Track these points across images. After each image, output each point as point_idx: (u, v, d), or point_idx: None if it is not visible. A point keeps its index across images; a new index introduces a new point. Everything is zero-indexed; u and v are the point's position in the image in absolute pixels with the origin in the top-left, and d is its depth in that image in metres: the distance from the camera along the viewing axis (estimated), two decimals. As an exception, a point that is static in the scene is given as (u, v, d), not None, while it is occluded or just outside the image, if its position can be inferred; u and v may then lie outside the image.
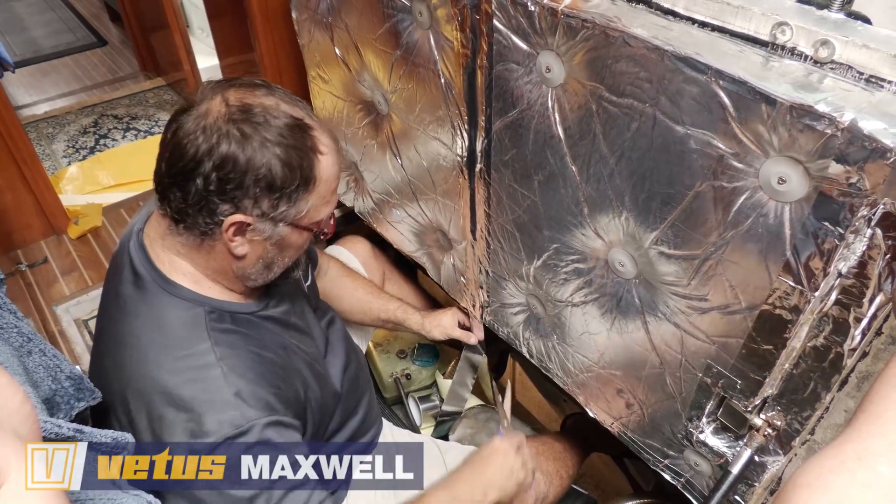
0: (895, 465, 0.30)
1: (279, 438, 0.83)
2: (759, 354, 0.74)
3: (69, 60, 3.48)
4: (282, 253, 0.89)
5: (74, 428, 0.53)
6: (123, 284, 0.88)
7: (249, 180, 0.78)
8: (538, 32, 0.80)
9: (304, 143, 0.81)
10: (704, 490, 0.96)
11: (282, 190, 0.80)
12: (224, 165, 0.78)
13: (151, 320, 0.85)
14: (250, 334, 0.91)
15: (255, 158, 0.78)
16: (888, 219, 0.56)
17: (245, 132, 0.78)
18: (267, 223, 0.83)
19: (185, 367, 0.83)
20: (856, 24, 0.59)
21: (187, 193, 0.80)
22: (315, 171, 0.83)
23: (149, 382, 0.82)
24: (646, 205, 0.78)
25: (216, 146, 0.77)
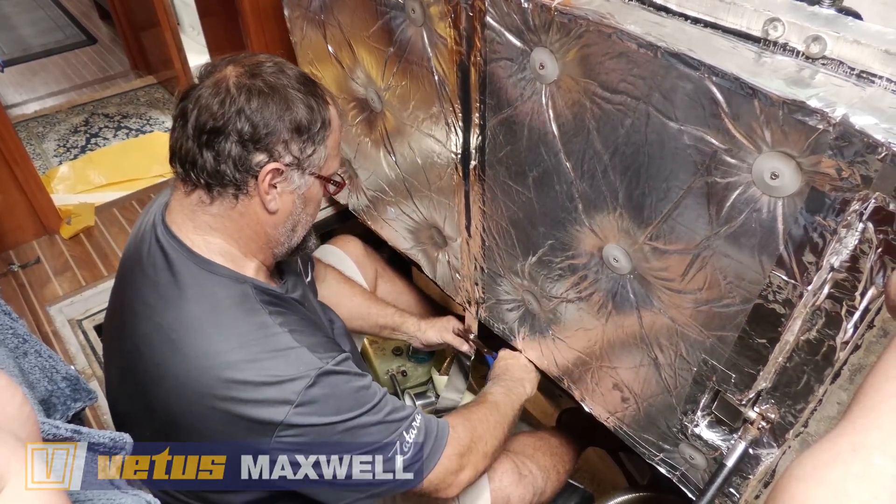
0: (890, 456, 0.31)
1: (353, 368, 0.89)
2: (753, 348, 0.75)
3: (59, 59, 3.45)
4: (305, 209, 0.93)
5: (72, 429, 0.52)
6: (159, 274, 0.87)
7: (282, 125, 0.83)
8: (531, 29, 0.80)
9: (316, 90, 0.88)
10: (700, 483, 0.97)
11: (308, 131, 0.85)
12: (256, 115, 0.82)
13: (204, 300, 0.86)
14: (289, 310, 0.94)
15: (282, 104, 0.83)
16: (879, 213, 0.57)
17: (269, 82, 0.83)
18: (296, 171, 0.87)
19: (251, 333, 0.84)
20: (847, 20, 0.59)
21: (221, 152, 0.83)
22: (329, 117, 0.88)
23: (225, 355, 0.82)
24: (640, 200, 0.78)
25: (247, 100, 0.82)
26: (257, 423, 0.81)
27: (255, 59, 0.87)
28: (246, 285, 0.89)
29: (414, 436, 0.92)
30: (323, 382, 0.84)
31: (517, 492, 1.21)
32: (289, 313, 0.92)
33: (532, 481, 1.24)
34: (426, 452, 0.93)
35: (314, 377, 0.83)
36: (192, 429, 0.84)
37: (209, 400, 0.81)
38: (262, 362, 0.83)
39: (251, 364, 0.82)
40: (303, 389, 0.82)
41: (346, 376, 0.88)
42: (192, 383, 0.82)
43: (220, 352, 0.82)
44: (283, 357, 0.84)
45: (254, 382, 0.81)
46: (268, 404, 0.81)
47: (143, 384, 0.87)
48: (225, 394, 0.81)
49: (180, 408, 0.84)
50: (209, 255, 0.88)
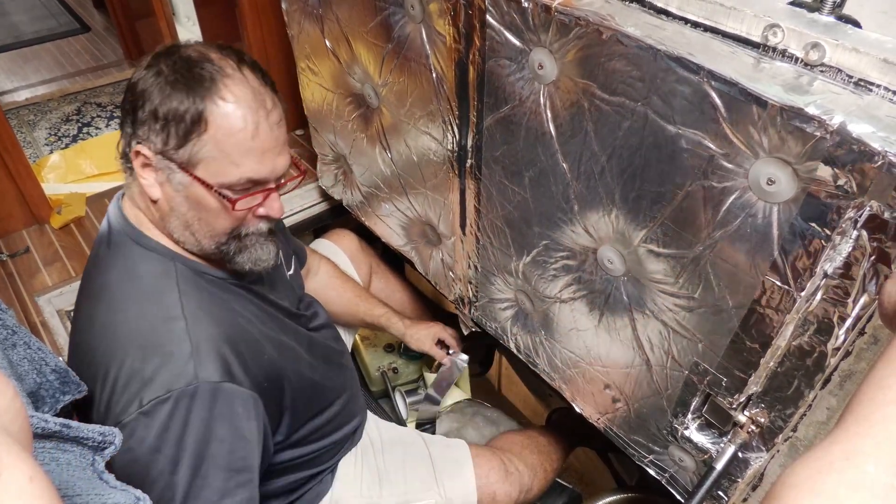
0: (883, 465, 0.31)
1: (226, 406, 0.79)
2: (745, 352, 0.75)
3: (51, 46, 3.42)
4: (194, 212, 0.84)
5: (61, 422, 0.52)
6: (100, 247, 0.89)
7: (139, 104, 0.80)
8: (531, 29, 0.80)
9: (199, 81, 0.78)
10: (688, 485, 0.97)
11: (165, 120, 0.78)
12: (129, 90, 0.82)
13: (124, 272, 0.86)
14: (222, 296, 0.90)
15: (147, 82, 0.79)
16: (874, 221, 0.57)
17: (150, 63, 0.81)
18: (163, 161, 0.81)
19: (153, 317, 0.82)
20: (846, 28, 0.60)
21: (123, 125, 0.84)
22: (206, 113, 0.78)
23: (119, 329, 0.82)
24: (636, 203, 0.79)
25: (138, 77, 0.81)
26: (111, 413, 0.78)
27: (193, 45, 0.84)
28: (172, 263, 0.87)
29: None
30: (178, 406, 0.76)
31: (503, 488, 1.21)
32: (212, 300, 0.87)
33: (518, 478, 1.24)
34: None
35: (175, 394, 0.76)
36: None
37: (97, 374, 0.81)
38: (142, 352, 0.79)
39: (133, 350, 0.80)
40: (155, 401, 0.76)
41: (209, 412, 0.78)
42: (90, 355, 0.83)
43: (115, 330, 0.82)
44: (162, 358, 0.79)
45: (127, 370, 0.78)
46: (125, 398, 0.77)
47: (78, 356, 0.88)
48: (106, 373, 0.80)
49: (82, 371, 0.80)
50: (144, 229, 0.88)
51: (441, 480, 1.17)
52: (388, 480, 1.15)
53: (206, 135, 0.79)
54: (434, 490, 1.16)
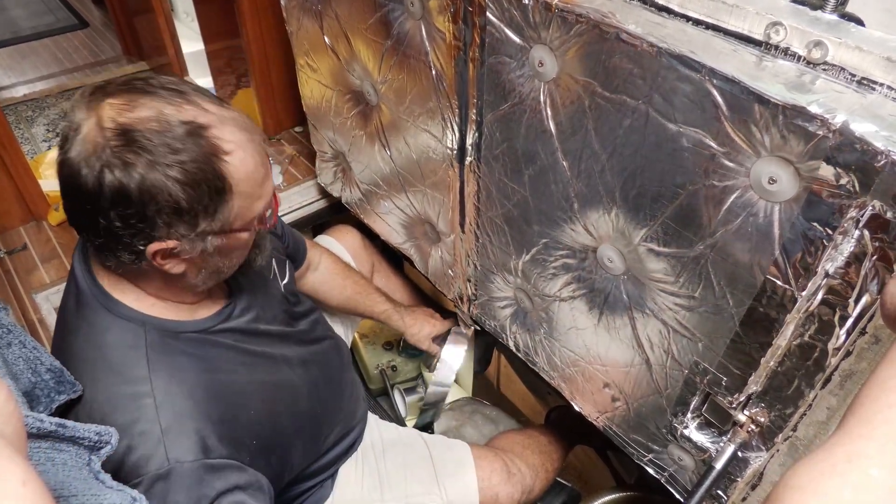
0: (886, 467, 0.31)
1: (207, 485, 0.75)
2: (745, 352, 0.75)
3: (49, 42, 3.40)
4: (226, 257, 0.82)
5: (56, 422, 0.52)
6: (69, 296, 0.84)
7: (151, 211, 0.71)
8: (532, 26, 0.79)
9: (200, 151, 0.71)
10: (687, 484, 0.97)
11: (192, 211, 0.72)
12: (118, 202, 0.69)
13: (91, 340, 0.80)
14: (198, 355, 0.84)
15: (147, 187, 0.69)
16: (876, 220, 0.57)
17: (127, 160, 0.68)
18: (193, 242, 0.75)
19: (120, 395, 0.77)
20: (849, 26, 0.59)
21: (98, 232, 0.73)
22: (225, 176, 0.73)
23: (86, 406, 0.77)
24: (636, 201, 0.78)
25: (102, 181, 0.69)
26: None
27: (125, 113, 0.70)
28: (142, 329, 0.81)
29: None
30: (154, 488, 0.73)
31: (506, 490, 1.21)
32: (189, 366, 0.82)
33: (521, 479, 1.24)
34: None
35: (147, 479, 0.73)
36: None
37: None
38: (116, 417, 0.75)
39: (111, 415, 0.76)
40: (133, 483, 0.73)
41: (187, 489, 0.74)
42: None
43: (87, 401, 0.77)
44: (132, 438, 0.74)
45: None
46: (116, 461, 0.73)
47: None
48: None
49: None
50: (112, 292, 0.81)
51: (442, 482, 1.16)
52: (388, 483, 1.15)
53: (231, 194, 0.75)
54: (435, 492, 1.15)
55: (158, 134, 0.69)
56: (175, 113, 0.71)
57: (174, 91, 0.73)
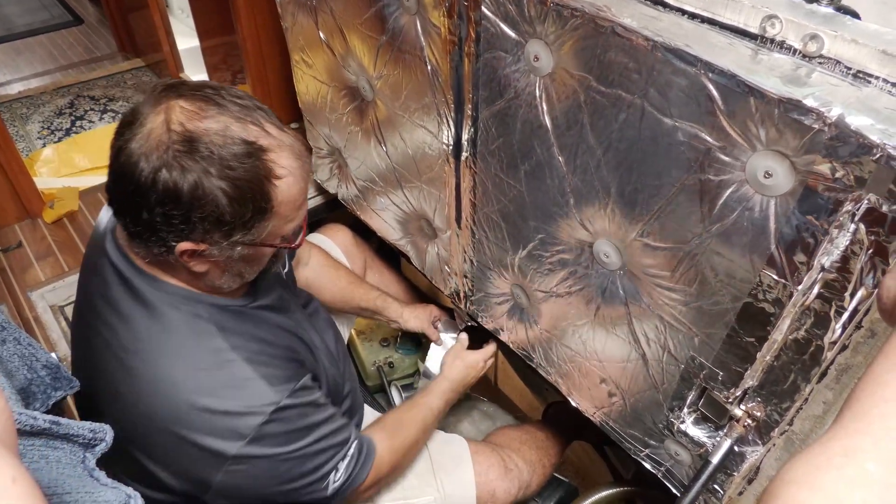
0: (882, 462, 0.31)
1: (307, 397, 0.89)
2: (742, 346, 0.75)
3: (44, 39, 3.39)
4: (249, 265, 0.86)
5: (50, 419, 0.51)
6: (111, 289, 0.84)
7: (195, 216, 0.74)
8: (527, 20, 0.79)
9: (255, 172, 0.75)
10: (684, 479, 0.97)
11: (233, 223, 0.76)
12: (166, 200, 0.73)
13: (156, 324, 0.83)
14: (250, 326, 0.91)
15: (198, 194, 0.72)
16: (872, 214, 0.57)
17: (185, 165, 0.72)
18: (222, 248, 0.79)
19: (206, 363, 0.82)
20: (845, 19, 0.59)
21: (136, 220, 0.76)
22: (271, 198, 0.77)
23: (177, 385, 0.81)
24: (632, 196, 0.78)
25: (157, 178, 0.72)
26: (208, 452, 0.81)
27: (195, 121, 0.73)
28: (199, 305, 0.85)
29: (347, 463, 0.93)
30: (279, 418, 0.83)
31: (503, 485, 1.21)
32: (247, 333, 0.88)
33: (518, 475, 1.24)
34: (352, 479, 0.94)
35: (270, 413, 0.82)
36: (142, 444, 0.84)
37: (157, 423, 0.81)
38: (214, 391, 0.81)
39: (201, 392, 0.81)
40: (257, 426, 0.82)
41: (300, 408, 0.87)
42: (141, 405, 0.82)
43: (167, 376, 0.81)
44: (239, 390, 0.83)
45: (204, 411, 0.80)
46: (218, 435, 0.81)
47: (97, 399, 0.87)
48: (172, 419, 0.80)
49: (130, 425, 0.83)
50: (163, 277, 0.84)
51: (439, 477, 1.16)
52: (385, 477, 1.15)
53: (271, 214, 0.79)
54: (433, 487, 1.15)
55: (220, 147, 0.72)
56: (240, 130, 0.74)
57: (242, 108, 0.76)
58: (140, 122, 0.73)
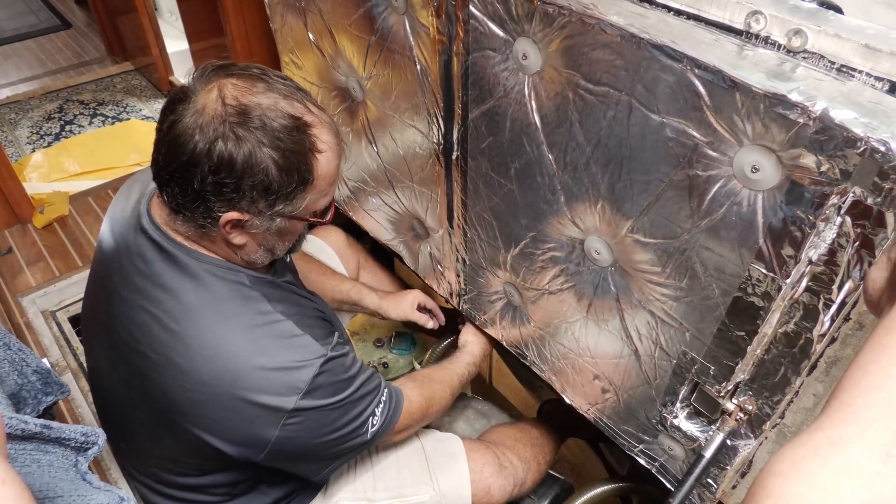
0: (867, 450, 0.31)
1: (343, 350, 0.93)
2: (732, 341, 0.75)
3: (32, 44, 3.37)
4: (281, 239, 0.90)
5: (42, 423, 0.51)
6: (153, 265, 0.87)
7: (246, 184, 0.78)
8: (514, 19, 0.79)
9: (301, 144, 0.80)
10: (678, 473, 0.98)
11: (278, 192, 0.81)
12: (220, 169, 0.77)
13: (203, 293, 0.86)
14: (284, 295, 0.95)
15: (251, 163, 0.77)
16: (857, 207, 0.57)
17: (240, 136, 0.76)
18: (264, 219, 0.84)
19: (257, 323, 0.86)
20: (828, 14, 0.60)
21: (185, 190, 0.80)
22: (313, 171, 0.82)
23: (230, 344, 0.84)
24: (621, 193, 0.78)
25: (213, 148, 0.76)
26: (265, 409, 0.84)
27: (247, 95, 0.78)
28: (241, 274, 0.89)
29: (382, 408, 0.98)
30: (327, 369, 0.87)
31: (498, 482, 1.21)
32: (285, 299, 0.93)
33: (513, 472, 1.24)
34: (387, 422, 1.00)
35: (320, 365, 0.86)
36: (193, 414, 0.86)
37: (215, 387, 0.83)
38: (268, 350, 0.85)
39: (257, 352, 0.84)
40: (311, 378, 0.85)
41: (342, 359, 0.91)
42: (197, 371, 0.84)
43: (225, 340, 0.84)
44: (289, 344, 0.86)
45: (261, 370, 0.83)
46: (276, 392, 0.84)
47: (142, 372, 0.88)
48: (232, 381, 0.83)
49: (184, 395, 0.85)
50: (202, 249, 0.88)
51: (435, 475, 1.16)
52: (381, 475, 1.15)
53: (312, 186, 0.83)
54: (428, 484, 1.15)
55: (272, 120, 0.78)
56: (287, 106, 0.80)
57: (287, 86, 0.82)
58: (192, 100, 0.78)
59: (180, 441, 0.90)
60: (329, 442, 0.92)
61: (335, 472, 1.01)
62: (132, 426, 0.97)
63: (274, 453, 0.88)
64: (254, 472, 0.98)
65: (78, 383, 1.30)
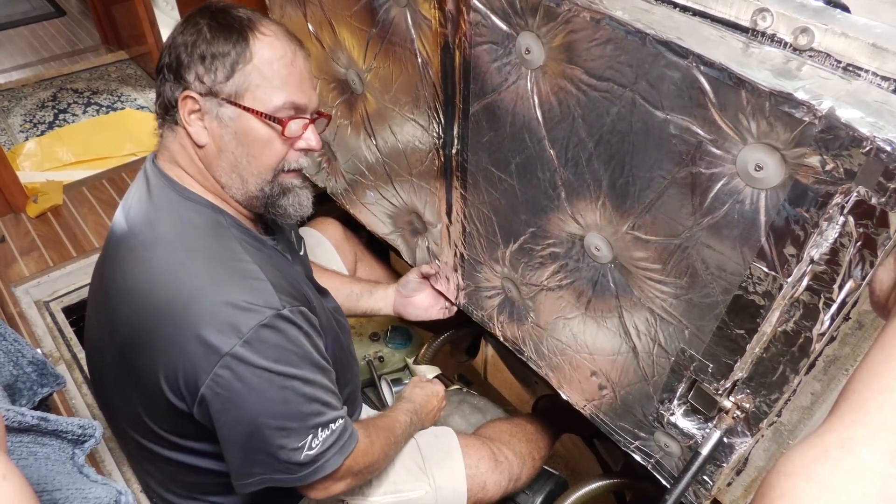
0: (877, 453, 0.31)
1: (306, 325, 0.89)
2: (731, 339, 0.76)
3: (25, 31, 3.33)
4: (242, 147, 0.89)
5: (39, 416, 0.51)
6: (142, 204, 0.91)
7: (184, 54, 0.85)
8: (518, 13, 0.78)
9: (238, 21, 0.87)
10: (674, 470, 0.98)
11: (213, 59, 0.85)
12: (170, 48, 0.87)
13: (178, 222, 0.89)
14: (263, 252, 0.94)
15: (189, 36, 0.86)
16: (861, 207, 0.57)
17: (194, 20, 0.87)
18: (211, 101, 0.86)
19: (222, 256, 0.87)
20: (835, 13, 0.59)
21: (161, 83, 0.89)
22: (249, 45, 0.86)
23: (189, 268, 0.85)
24: (623, 189, 0.78)
25: (177, 32, 0.88)
26: (204, 344, 0.81)
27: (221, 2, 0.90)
28: (221, 215, 0.91)
29: (327, 435, 0.89)
30: (277, 326, 0.83)
31: (493, 478, 1.21)
32: (260, 254, 0.92)
33: (508, 468, 1.24)
34: (326, 457, 0.90)
35: (270, 317, 0.83)
36: (146, 344, 0.86)
37: (166, 313, 0.83)
38: (223, 283, 0.84)
39: (212, 282, 0.84)
40: (256, 326, 0.82)
41: (298, 329, 0.87)
42: (154, 297, 0.84)
43: (183, 267, 0.85)
44: (246, 285, 0.85)
45: (210, 301, 0.82)
46: (218, 329, 0.81)
47: (113, 303, 0.90)
48: (182, 308, 0.82)
49: (140, 322, 0.86)
50: (188, 185, 0.91)
51: (430, 470, 1.16)
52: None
53: (250, 64, 0.86)
54: (423, 480, 1.15)
55: (225, 12, 0.87)
56: (251, 12, 0.89)
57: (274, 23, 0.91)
58: None
59: (135, 385, 0.89)
60: (258, 428, 0.84)
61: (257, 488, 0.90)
62: (106, 378, 0.98)
63: (202, 408, 0.84)
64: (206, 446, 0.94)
65: (71, 374, 1.29)
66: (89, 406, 1.24)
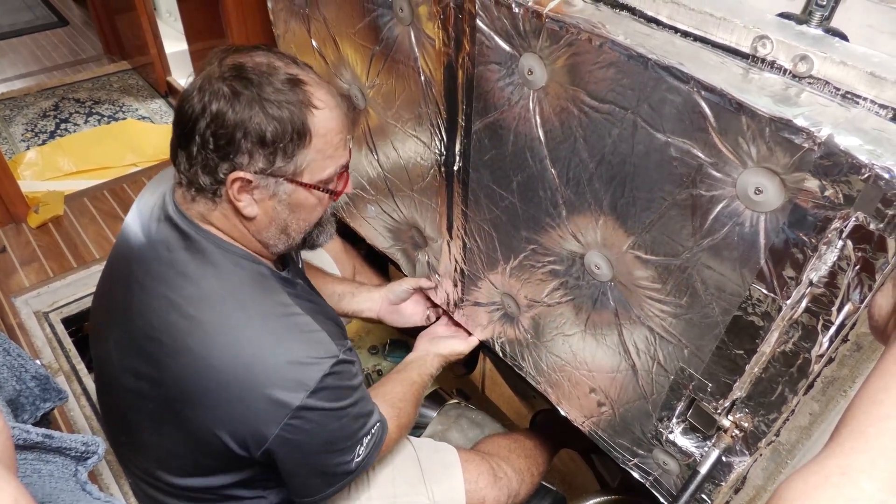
0: (879, 480, 0.31)
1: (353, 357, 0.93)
2: (731, 359, 0.76)
3: (28, 40, 3.35)
4: (294, 214, 0.90)
5: (43, 433, 0.51)
6: (176, 253, 0.88)
7: (239, 135, 0.80)
8: (521, 34, 0.80)
9: (294, 97, 0.82)
10: (672, 488, 0.98)
11: (274, 144, 0.81)
12: (215, 122, 0.79)
13: (223, 280, 0.87)
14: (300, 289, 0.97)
15: (244, 114, 0.79)
16: (859, 231, 0.58)
17: (235, 89, 0.79)
18: (268, 179, 0.84)
19: (275, 312, 0.87)
20: (833, 41, 0.60)
21: (190, 155, 0.82)
22: (309, 125, 0.83)
23: (246, 329, 0.84)
24: (624, 210, 0.79)
25: (208, 104, 0.79)
26: (272, 402, 0.83)
27: (243, 57, 0.83)
28: (261, 266, 0.91)
29: (369, 439, 0.96)
30: (337, 371, 0.86)
31: (492, 494, 1.21)
32: (300, 295, 0.94)
33: (507, 483, 1.24)
34: (369, 456, 0.98)
35: (331, 365, 0.85)
36: (201, 402, 0.85)
37: (227, 375, 0.83)
38: (284, 342, 0.85)
39: (273, 343, 0.85)
40: (321, 377, 0.84)
41: (351, 365, 0.91)
42: (211, 358, 0.84)
43: (242, 328, 0.84)
44: (306, 339, 0.87)
45: (275, 362, 0.84)
46: (285, 387, 0.83)
47: (156, 358, 0.87)
48: (244, 370, 0.83)
49: (195, 381, 0.85)
50: (226, 238, 0.89)
51: (429, 484, 1.16)
52: (376, 483, 1.15)
53: (310, 145, 0.84)
54: (423, 494, 1.15)
55: (265, 75, 0.81)
56: (283, 66, 0.83)
57: (287, 57, 0.86)
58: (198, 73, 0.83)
59: (183, 433, 0.89)
60: (320, 459, 0.91)
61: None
62: (136, 418, 0.96)
63: (269, 453, 0.87)
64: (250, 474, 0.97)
65: (70, 386, 1.29)
66: (87, 418, 1.24)
